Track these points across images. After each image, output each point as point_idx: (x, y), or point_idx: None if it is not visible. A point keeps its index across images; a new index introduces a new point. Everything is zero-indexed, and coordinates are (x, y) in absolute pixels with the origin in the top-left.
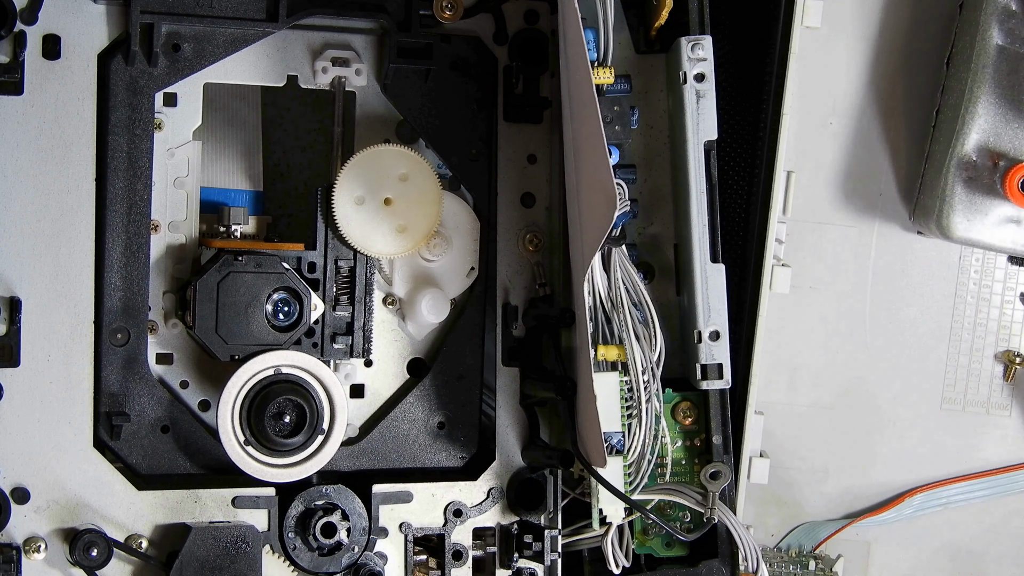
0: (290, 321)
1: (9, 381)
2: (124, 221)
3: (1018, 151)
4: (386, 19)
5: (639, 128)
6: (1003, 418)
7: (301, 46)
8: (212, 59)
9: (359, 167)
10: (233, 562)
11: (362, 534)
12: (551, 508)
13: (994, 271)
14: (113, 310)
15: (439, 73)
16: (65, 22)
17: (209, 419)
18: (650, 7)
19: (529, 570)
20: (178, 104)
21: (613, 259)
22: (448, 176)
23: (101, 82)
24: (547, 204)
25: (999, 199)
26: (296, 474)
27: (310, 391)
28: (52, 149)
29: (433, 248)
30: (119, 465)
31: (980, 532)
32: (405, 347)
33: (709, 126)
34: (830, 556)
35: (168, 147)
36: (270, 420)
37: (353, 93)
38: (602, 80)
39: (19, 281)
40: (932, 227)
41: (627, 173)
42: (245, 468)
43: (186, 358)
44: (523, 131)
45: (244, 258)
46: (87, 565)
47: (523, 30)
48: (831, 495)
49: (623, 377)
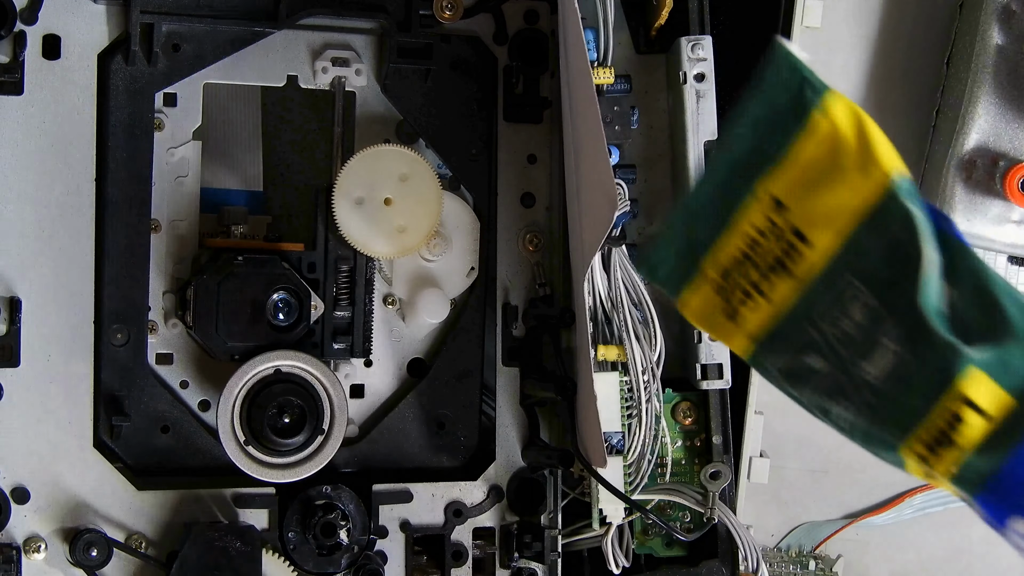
0: (290, 321)
1: (9, 381)
2: (124, 221)
3: (1018, 151)
4: (386, 19)
5: (639, 128)
6: None
7: (301, 46)
8: (212, 59)
9: (359, 167)
10: (233, 562)
11: (362, 534)
12: (551, 508)
13: None
14: (113, 310)
15: (439, 73)
16: (65, 22)
17: (209, 419)
18: (650, 7)
19: (529, 570)
20: (178, 104)
21: (613, 259)
22: (448, 176)
23: (101, 82)
24: (547, 204)
25: (999, 199)
26: (296, 474)
27: (310, 391)
28: (52, 149)
29: (433, 248)
30: (119, 465)
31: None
32: (405, 347)
33: (709, 126)
34: (830, 556)
35: (168, 147)
36: (270, 420)
37: (353, 93)
38: (602, 80)
39: (19, 281)
40: None
41: (627, 173)
42: (245, 468)
43: (186, 358)
44: (523, 131)
45: (244, 258)
46: (87, 565)
47: (523, 30)
48: (831, 495)
49: (623, 377)
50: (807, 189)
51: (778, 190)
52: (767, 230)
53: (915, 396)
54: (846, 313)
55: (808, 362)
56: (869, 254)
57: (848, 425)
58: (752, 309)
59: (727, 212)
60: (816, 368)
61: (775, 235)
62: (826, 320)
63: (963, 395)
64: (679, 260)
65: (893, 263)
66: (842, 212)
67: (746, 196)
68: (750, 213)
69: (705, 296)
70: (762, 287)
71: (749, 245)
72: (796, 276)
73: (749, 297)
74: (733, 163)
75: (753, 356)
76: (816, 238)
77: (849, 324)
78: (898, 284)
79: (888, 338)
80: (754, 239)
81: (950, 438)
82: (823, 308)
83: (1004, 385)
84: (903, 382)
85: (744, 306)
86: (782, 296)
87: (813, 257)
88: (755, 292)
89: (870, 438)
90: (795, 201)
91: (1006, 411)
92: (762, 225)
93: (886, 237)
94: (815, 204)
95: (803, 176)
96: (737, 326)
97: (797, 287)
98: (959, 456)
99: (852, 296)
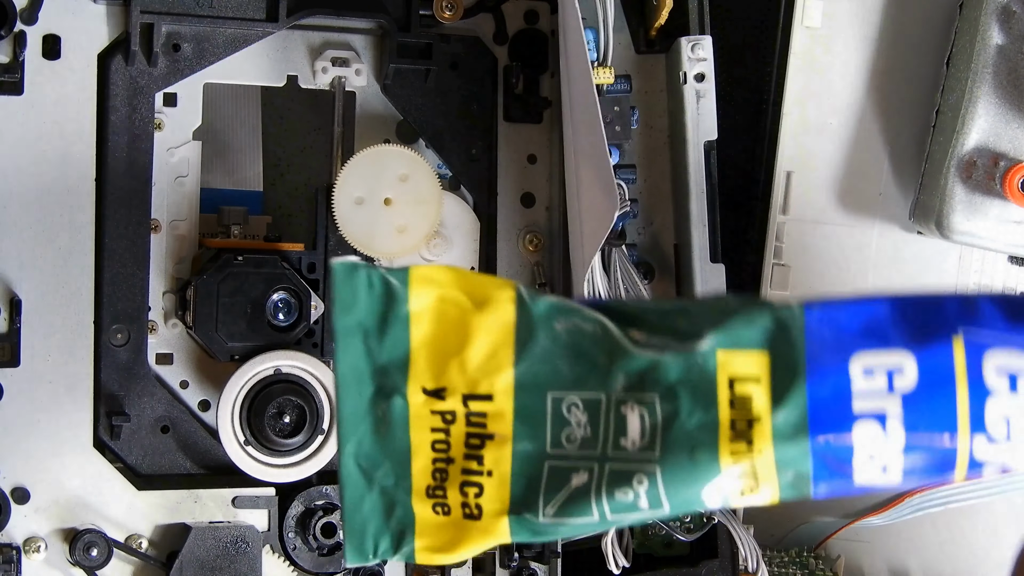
0: (290, 321)
1: (9, 381)
2: (124, 221)
3: (1018, 151)
4: (386, 19)
5: (639, 128)
6: None
7: (301, 46)
8: (212, 59)
9: (359, 167)
10: (233, 562)
11: None
12: None
13: (994, 271)
14: (113, 310)
15: (439, 73)
16: (65, 22)
17: (209, 419)
18: (650, 7)
19: (529, 570)
20: (178, 104)
21: (613, 259)
22: (448, 176)
23: (101, 82)
24: (547, 204)
25: (999, 199)
26: (296, 474)
27: (310, 391)
28: (52, 149)
29: (433, 248)
30: (119, 465)
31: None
32: None
33: (709, 126)
34: (830, 556)
35: (168, 147)
36: (270, 420)
37: (353, 93)
38: (602, 80)
39: (19, 281)
40: (932, 227)
41: (627, 173)
42: (245, 468)
43: (186, 358)
44: (523, 131)
45: (244, 258)
46: (87, 565)
47: (523, 30)
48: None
49: None
50: (450, 357)
51: (427, 380)
52: (444, 421)
53: (695, 416)
54: (569, 424)
55: (573, 484)
56: (546, 364)
57: (659, 494)
58: (485, 491)
59: (399, 439)
60: (584, 482)
61: (453, 419)
62: (557, 443)
63: (729, 377)
64: (385, 522)
65: (571, 353)
66: (495, 350)
67: (403, 409)
68: (418, 420)
69: (434, 525)
70: (478, 468)
71: (439, 447)
72: (499, 433)
73: (473, 486)
74: (366, 399)
75: (517, 524)
76: (491, 388)
77: (578, 428)
78: (595, 361)
79: (626, 405)
80: (438, 439)
81: (749, 417)
82: (545, 437)
83: (747, 346)
84: (673, 419)
85: (478, 497)
86: (500, 458)
87: (502, 405)
88: (475, 477)
89: (688, 480)
90: (449, 376)
91: (767, 362)
92: (436, 422)
93: (547, 338)
94: (468, 364)
95: (439, 352)
96: (485, 517)
97: (506, 441)
98: (766, 425)
99: (565, 406)
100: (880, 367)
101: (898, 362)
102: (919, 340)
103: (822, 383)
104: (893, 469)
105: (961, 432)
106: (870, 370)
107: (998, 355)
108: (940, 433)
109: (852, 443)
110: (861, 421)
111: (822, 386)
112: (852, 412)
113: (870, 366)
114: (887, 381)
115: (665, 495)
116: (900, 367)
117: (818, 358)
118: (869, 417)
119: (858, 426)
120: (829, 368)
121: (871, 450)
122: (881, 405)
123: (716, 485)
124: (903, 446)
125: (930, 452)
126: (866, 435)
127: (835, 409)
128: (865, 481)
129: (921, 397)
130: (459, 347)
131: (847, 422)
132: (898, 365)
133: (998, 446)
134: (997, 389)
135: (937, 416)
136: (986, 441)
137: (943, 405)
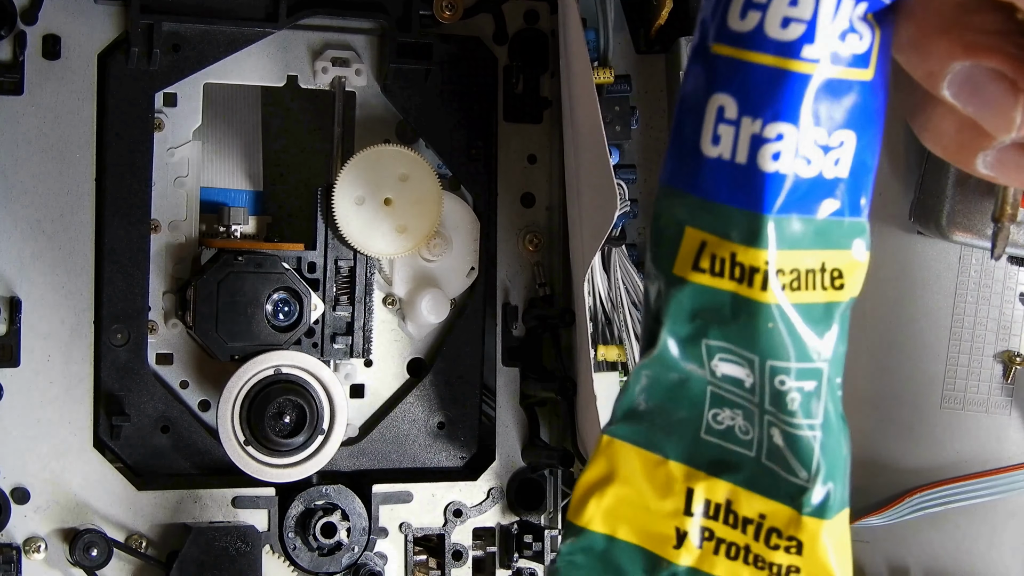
0: (290, 321)
1: (9, 381)
2: (124, 221)
3: None
4: (386, 19)
5: (639, 128)
6: (1003, 418)
7: (301, 46)
8: (212, 59)
9: (359, 167)
10: (233, 562)
11: (362, 534)
12: (551, 508)
13: (994, 271)
14: (113, 310)
15: (439, 73)
16: (65, 22)
17: (209, 419)
18: (650, 7)
19: (529, 570)
20: (178, 104)
21: (613, 259)
22: (448, 176)
23: (101, 82)
24: (547, 204)
25: None
26: (296, 474)
27: (310, 391)
28: (52, 149)
29: (433, 248)
30: (119, 465)
31: (980, 532)
32: (405, 347)
33: None
34: None
35: (168, 147)
36: (270, 420)
37: (353, 93)
38: (602, 80)
39: (19, 281)
40: (932, 227)
41: (627, 173)
42: (245, 468)
43: (186, 358)
44: (523, 131)
45: (244, 258)
46: (87, 565)
47: (523, 30)
48: None
49: (623, 377)
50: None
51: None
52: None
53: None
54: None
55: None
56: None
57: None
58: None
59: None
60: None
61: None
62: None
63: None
64: None
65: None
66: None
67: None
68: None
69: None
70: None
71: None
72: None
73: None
74: None
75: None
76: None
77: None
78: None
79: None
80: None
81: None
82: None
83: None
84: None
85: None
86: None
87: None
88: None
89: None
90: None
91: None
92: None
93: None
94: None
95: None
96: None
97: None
98: None
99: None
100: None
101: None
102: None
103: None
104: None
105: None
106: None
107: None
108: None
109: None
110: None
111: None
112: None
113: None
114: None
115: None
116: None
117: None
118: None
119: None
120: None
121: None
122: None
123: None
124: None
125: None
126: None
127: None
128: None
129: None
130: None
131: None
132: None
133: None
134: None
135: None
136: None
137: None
